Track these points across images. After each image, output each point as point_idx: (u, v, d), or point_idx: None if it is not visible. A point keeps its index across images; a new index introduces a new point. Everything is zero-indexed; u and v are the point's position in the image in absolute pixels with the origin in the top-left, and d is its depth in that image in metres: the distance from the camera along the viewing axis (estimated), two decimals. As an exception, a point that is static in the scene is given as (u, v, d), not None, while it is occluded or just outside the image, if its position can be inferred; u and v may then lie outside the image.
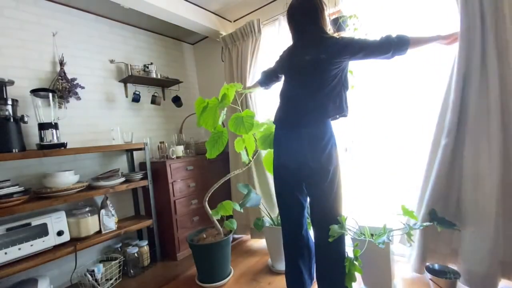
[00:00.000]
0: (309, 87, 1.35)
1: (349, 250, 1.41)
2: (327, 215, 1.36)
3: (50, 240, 1.67)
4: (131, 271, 2.03)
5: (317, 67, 1.32)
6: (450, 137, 1.42)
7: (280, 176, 1.48)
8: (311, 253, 1.57)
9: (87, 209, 1.90)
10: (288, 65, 1.47)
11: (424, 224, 1.42)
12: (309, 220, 1.61)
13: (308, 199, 1.46)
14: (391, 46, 1.27)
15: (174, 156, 2.37)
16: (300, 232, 1.50)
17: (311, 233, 1.52)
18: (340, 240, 1.33)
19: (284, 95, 1.47)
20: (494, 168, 1.32)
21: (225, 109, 1.80)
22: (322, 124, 1.31)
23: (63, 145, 1.78)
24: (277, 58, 1.60)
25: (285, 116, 1.42)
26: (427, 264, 1.56)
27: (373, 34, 1.76)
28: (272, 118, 1.51)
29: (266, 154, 1.88)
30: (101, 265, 1.89)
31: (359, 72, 1.84)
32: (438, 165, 1.46)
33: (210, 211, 1.88)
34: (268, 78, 1.70)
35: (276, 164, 1.48)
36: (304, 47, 1.40)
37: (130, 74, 2.33)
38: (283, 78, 1.55)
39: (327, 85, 1.32)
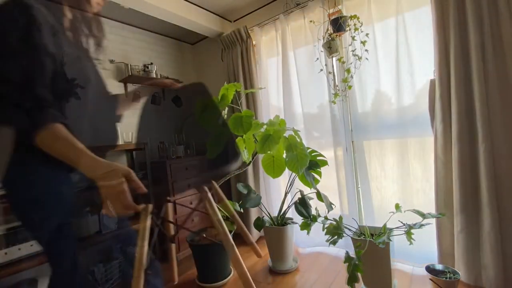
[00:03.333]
0: None
1: (349, 250, 1.40)
2: None
3: (50, 240, 1.67)
4: (131, 271, 2.03)
5: None
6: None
7: None
8: None
9: (87, 209, 1.90)
10: None
11: (423, 223, 1.42)
12: None
13: None
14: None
15: (174, 156, 2.37)
16: None
17: None
18: None
19: None
20: None
21: (226, 108, 1.80)
22: None
23: (63, 145, 1.77)
24: None
25: None
26: (427, 264, 1.57)
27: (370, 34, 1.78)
28: (274, 119, 1.49)
29: (265, 156, 1.85)
30: (101, 265, 1.89)
31: (358, 71, 1.85)
32: None
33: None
34: None
35: None
36: None
37: (130, 74, 2.33)
38: None
39: None
